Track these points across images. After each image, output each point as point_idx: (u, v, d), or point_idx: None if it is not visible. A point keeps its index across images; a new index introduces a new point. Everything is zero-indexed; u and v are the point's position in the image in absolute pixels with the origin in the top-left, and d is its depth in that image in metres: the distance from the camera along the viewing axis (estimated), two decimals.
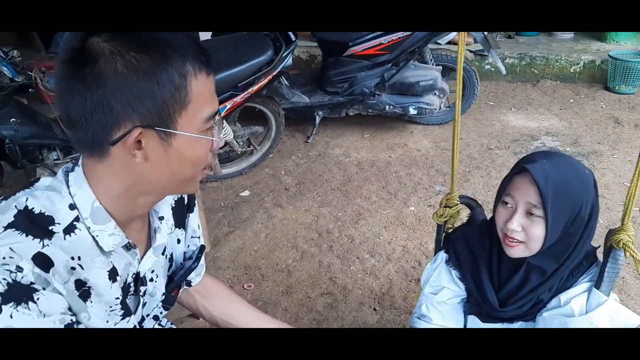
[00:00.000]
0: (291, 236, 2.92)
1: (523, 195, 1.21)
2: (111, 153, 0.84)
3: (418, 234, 2.87)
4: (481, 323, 1.42)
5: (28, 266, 0.79)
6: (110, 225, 0.90)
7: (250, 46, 3.07)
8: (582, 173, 1.24)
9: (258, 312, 1.31)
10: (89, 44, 0.79)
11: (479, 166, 3.59)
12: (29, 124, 2.65)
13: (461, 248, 1.46)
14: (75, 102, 0.80)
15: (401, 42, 3.67)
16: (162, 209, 1.08)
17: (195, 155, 0.89)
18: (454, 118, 1.51)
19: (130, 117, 0.81)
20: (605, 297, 1.25)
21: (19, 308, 0.77)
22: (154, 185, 0.90)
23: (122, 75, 0.78)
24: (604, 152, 3.72)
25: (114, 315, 0.98)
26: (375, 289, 2.49)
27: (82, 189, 0.88)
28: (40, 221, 0.84)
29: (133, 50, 0.79)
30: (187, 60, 0.83)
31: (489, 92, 4.96)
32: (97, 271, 0.91)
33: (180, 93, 0.83)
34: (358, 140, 4.09)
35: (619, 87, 4.70)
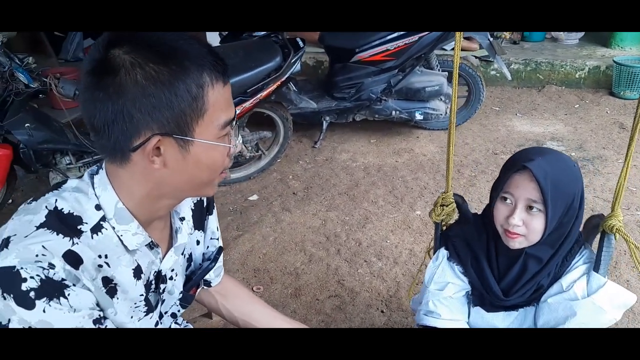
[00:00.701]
0: (299, 240, 2.96)
1: (523, 191, 1.28)
2: (132, 159, 0.89)
3: (424, 237, 2.91)
4: (486, 313, 1.49)
5: (59, 263, 0.83)
6: (133, 225, 0.95)
7: (259, 52, 3.13)
8: (572, 167, 1.33)
9: (275, 312, 1.36)
10: (111, 55, 0.83)
11: (485, 171, 3.62)
12: (43, 129, 2.70)
13: (460, 244, 1.52)
14: (98, 111, 0.85)
15: (407, 48, 3.72)
16: (183, 210, 1.13)
17: (211, 161, 0.93)
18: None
19: (149, 125, 0.85)
20: (604, 279, 1.34)
21: (52, 303, 0.82)
22: (173, 189, 0.95)
23: (142, 86, 0.82)
24: (609, 157, 3.75)
25: (138, 311, 1.02)
26: (383, 291, 2.52)
27: (106, 190, 0.93)
28: (69, 221, 0.89)
29: (152, 62, 0.83)
30: (204, 70, 0.86)
31: (494, 98, 5.00)
32: (123, 269, 0.96)
33: (198, 102, 0.86)
34: (365, 146, 4.13)
35: (624, 93, 4.73)
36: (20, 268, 0.80)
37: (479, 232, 1.48)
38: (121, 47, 0.84)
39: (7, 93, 2.52)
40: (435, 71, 4.03)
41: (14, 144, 2.72)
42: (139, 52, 0.83)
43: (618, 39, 5.40)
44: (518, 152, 1.38)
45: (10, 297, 0.80)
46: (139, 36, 0.85)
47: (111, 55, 0.83)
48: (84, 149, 2.87)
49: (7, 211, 3.24)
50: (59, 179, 2.91)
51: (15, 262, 0.81)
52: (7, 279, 0.80)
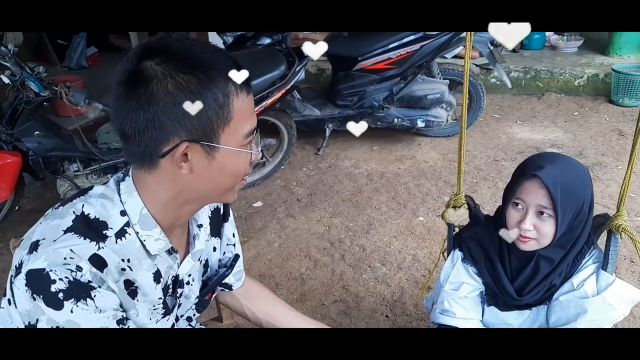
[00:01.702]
0: (304, 246, 3.00)
1: (534, 198, 1.33)
2: (160, 165, 0.93)
3: (428, 243, 2.95)
4: (500, 312, 1.54)
5: (86, 266, 0.87)
6: (156, 231, 0.99)
7: (265, 61, 3.17)
8: (581, 173, 1.38)
9: (297, 313, 1.39)
10: (143, 66, 0.88)
11: (486, 177, 3.67)
12: (51, 137, 2.75)
13: (473, 245, 1.57)
14: (130, 119, 0.89)
15: (409, 56, 3.77)
16: (201, 218, 1.17)
17: (235, 167, 0.97)
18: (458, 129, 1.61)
19: (178, 132, 0.89)
20: (612, 277, 1.41)
21: (79, 304, 0.86)
22: (197, 194, 0.99)
23: (173, 95, 0.87)
24: (608, 163, 3.79)
25: (157, 313, 1.06)
26: (387, 296, 2.56)
27: (132, 197, 0.97)
28: (95, 226, 0.93)
29: (182, 72, 0.88)
30: (230, 80, 0.91)
31: (494, 105, 5.05)
32: (144, 273, 1.00)
33: (224, 110, 0.91)
34: (367, 153, 4.18)
35: (623, 100, 4.78)
36: (49, 270, 0.84)
37: (491, 233, 1.53)
38: (153, 59, 0.88)
39: (18, 101, 2.57)
40: (436, 79, 4.08)
41: (23, 152, 2.77)
42: (169, 63, 0.88)
43: (616, 47, 5.45)
44: (530, 158, 1.44)
45: (40, 298, 0.84)
46: (169, 48, 0.89)
47: (143, 66, 0.88)
48: (91, 157, 2.92)
49: (14, 218, 3.28)
50: (66, 186, 2.95)
51: (44, 265, 0.85)
52: (37, 280, 0.85)
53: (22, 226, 3.29)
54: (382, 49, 3.79)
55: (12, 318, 0.95)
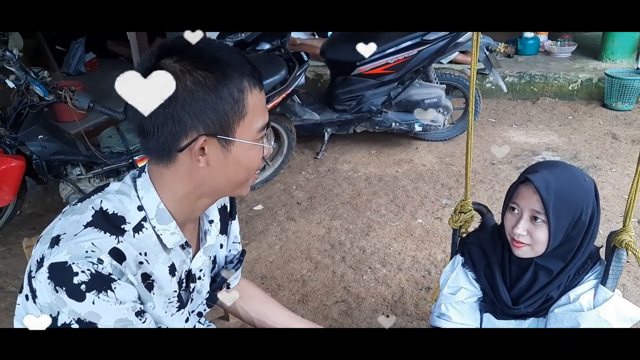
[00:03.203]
0: (305, 248, 3.03)
1: (527, 203, 1.34)
2: (178, 159, 0.96)
3: (427, 244, 2.99)
4: (496, 320, 1.53)
5: (107, 259, 0.90)
6: (172, 225, 1.02)
7: (265, 66, 3.21)
8: (581, 181, 1.35)
9: (290, 313, 1.43)
10: (162, 64, 0.91)
11: (483, 180, 3.72)
12: (55, 141, 2.77)
13: (475, 251, 1.57)
14: (150, 115, 0.91)
15: (407, 61, 3.82)
16: (212, 214, 1.20)
17: (250, 160, 1.01)
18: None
19: (196, 127, 0.93)
20: (610, 292, 1.37)
21: (100, 295, 0.89)
22: (213, 188, 1.02)
23: (191, 91, 0.90)
24: (603, 166, 3.85)
25: (171, 306, 1.09)
26: (388, 296, 2.60)
27: (149, 192, 1.00)
28: (114, 220, 0.96)
29: (199, 69, 0.91)
30: (244, 77, 0.95)
31: (490, 110, 5.11)
32: (160, 266, 1.03)
33: (239, 106, 0.94)
34: (366, 156, 4.23)
35: (616, 104, 4.85)
36: (72, 263, 0.87)
37: (495, 241, 1.54)
38: (171, 57, 0.92)
39: (22, 106, 2.59)
40: (433, 84, 4.13)
41: (26, 156, 2.79)
42: (187, 61, 0.91)
43: (609, 52, 5.53)
44: (532, 165, 1.43)
45: (63, 290, 0.87)
46: (186, 47, 0.92)
47: (162, 64, 0.91)
48: (94, 160, 2.94)
49: (15, 222, 3.30)
50: (69, 189, 2.98)
51: (67, 258, 0.88)
52: (60, 273, 0.88)
53: (23, 230, 3.31)
54: (380, 54, 3.84)
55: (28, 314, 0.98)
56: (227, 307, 1.46)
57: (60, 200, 3.30)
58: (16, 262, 2.98)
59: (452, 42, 3.78)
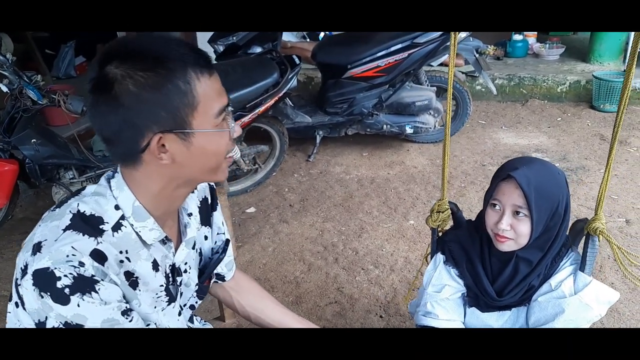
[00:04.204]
0: (298, 250, 3.05)
1: (510, 198, 1.39)
2: (143, 160, 0.98)
3: (419, 245, 3.02)
4: (481, 313, 1.59)
5: (88, 261, 0.92)
6: (149, 222, 1.04)
7: (257, 69, 3.23)
8: (556, 175, 1.44)
9: (285, 309, 1.45)
10: (105, 72, 0.92)
11: (474, 182, 3.76)
12: (48, 145, 2.78)
13: (455, 248, 1.62)
14: (105, 124, 0.94)
15: (397, 64, 3.86)
16: (190, 207, 1.22)
17: (216, 147, 1.02)
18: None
19: (149, 126, 0.94)
20: (589, 278, 1.45)
21: (85, 297, 0.91)
22: (185, 179, 1.04)
23: (135, 94, 0.91)
24: (591, 167, 3.90)
25: (161, 301, 1.11)
26: (381, 297, 2.62)
27: (123, 191, 1.02)
28: (92, 222, 0.98)
29: (140, 70, 0.92)
30: (188, 67, 0.95)
31: (480, 112, 5.16)
32: (143, 263, 1.05)
33: (188, 97, 0.95)
34: (357, 159, 4.26)
35: (604, 106, 4.91)
36: (54, 268, 0.89)
37: (473, 237, 1.59)
38: (111, 63, 0.92)
39: (15, 110, 2.60)
40: (424, 86, 4.17)
41: (19, 160, 2.80)
42: (127, 64, 0.92)
43: (597, 55, 5.60)
44: (507, 162, 1.50)
45: (48, 295, 0.89)
46: (125, 49, 0.94)
47: (105, 71, 0.92)
48: (87, 164, 2.95)
49: (7, 226, 3.29)
50: (62, 193, 2.98)
51: (49, 264, 0.89)
52: (43, 279, 0.89)
53: (15, 234, 3.30)
54: (371, 57, 3.87)
55: (20, 321, 0.99)
56: (224, 301, 1.48)
57: (52, 204, 3.29)
58: (8, 267, 2.97)
59: (442, 45, 3.82)
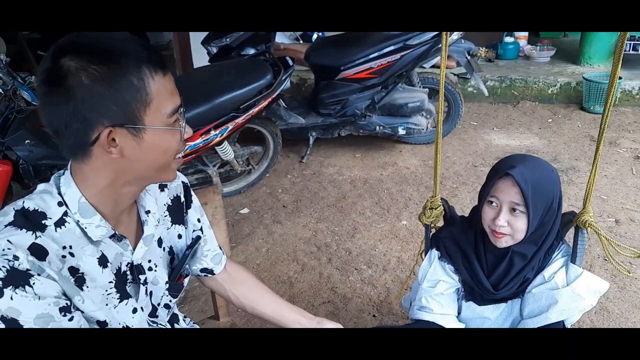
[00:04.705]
0: (291, 250, 3.07)
1: (507, 195, 1.43)
2: (92, 153, 0.98)
3: (411, 245, 3.04)
4: (477, 307, 1.63)
5: (23, 255, 0.93)
6: (96, 218, 1.04)
7: (251, 71, 3.25)
8: (550, 171, 1.49)
9: (280, 299, 1.47)
10: (60, 63, 0.93)
11: (466, 182, 3.79)
12: (42, 146, 2.77)
13: (450, 244, 1.66)
14: (55, 115, 0.95)
15: (390, 66, 3.88)
16: (147, 204, 1.21)
17: (166, 144, 1.03)
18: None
19: (100, 120, 0.95)
20: (580, 269, 1.51)
21: (17, 291, 0.91)
22: (133, 175, 1.05)
23: (88, 87, 0.92)
24: (582, 167, 3.95)
25: (112, 298, 1.11)
26: (374, 297, 2.64)
27: (70, 187, 1.02)
28: (34, 217, 0.99)
29: (94, 64, 0.93)
30: (142, 64, 0.96)
31: (472, 113, 5.20)
32: (88, 258, 1.05)
33: (141, 93, 0.96)
34: (350, 160, 4.28)
35: (594, 107, 4.96)
36: None
37: (467, 232, 1.63)
38: (66, 55, 0.93)
39: (9, 111, 2.60)
40: (416, 88, 4.21)
41: (13, 161, 2.79)
42: (81, 57, 0.93)
43: (587, 57, 5.66)
44: (502, 160, 1.53)
45: None
46: (80, 43, 0.95)
47: (59, 64, 0.93)
48: None
49: None
50: None
51: None
52: None
53: None
54: (364, 58, 3.89)
55: None
56: (219, 293, 1.49)
57: None
58: None
59: (435, 47, 3.85)
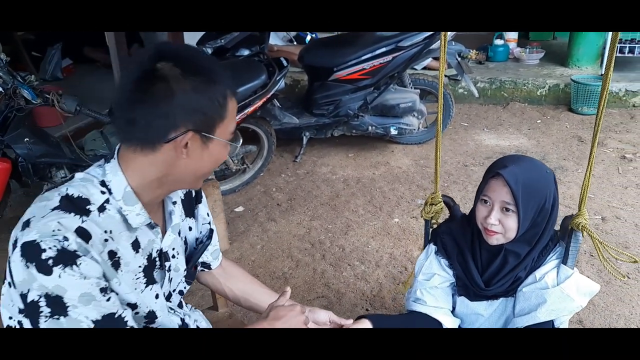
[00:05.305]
0: (286, 247, 3.13)
1: (498, 195, 1.47)
2: (161, 149, 1.07)
3: (403, 242, 3.11)
4: (470, 302, 1.67)
5: (72, 237, 1.00)
6: (137, 207, 1.13)
7: (246, 71, 3.31)
8: (544, 172, 1.51)
9: (271, 291, 1.58)
10: (161, 67, 1.03)
11: (456, 181, 3.87)
12: (41, 144, 2.82)
13: (447, 240, 1.70)
14: (144, 109, 1.03)
15: (382, 67, 3.96)
16: (173, 195, 1.31)
17: (220, 156, 1.16)
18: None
19: (185, 124, 1.05)
20: (571, 270, 1.53)
21: (66, 269, 0.98)
22: (178, 176, 1.14)
23: (187, 93, 1.03)
24: (570, 167, 4.04)
25: (139, 282, 1.19)
26: (367, 291, 2.71)
27: (116, 175, 1.10)
28: (79, 203, 1.06)
29: (194, 75, 1.04)
30: (227, 86, 1.10)
31: (463, 114, 5.29)
32: (124, 243, 1.13)
33: (222, 110, 1.09)
34: (343, 159, 4.35)
35: (582, 109, 5.06)
36: (40, 241, 0.97)
37: (465, 230, 1.67)
38: (168, 61, 1.04)
39: (9, 109, 2.64)
40: (408, 89, 4.28)
41: (11, 159, 2.83)
42: (182, 66, 1.04)
43: (575, 59, 5.76)
44: (498, 159, 1.57)
45: (33, 265, 0.96)
46: (181, 54, 1.07)
47: (161, 66, 1.03)
48: (78, 163, 2.99)
49: None
50: None
51: (36, 237, 0.97)
52: (30, 250, 0.97)
53: (5, 233, 3.31)
54: (357, 60, 3.97)
55: (13, 301, 1.06)
56: (214, 287, 1.57)
57: None
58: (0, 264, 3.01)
59: (426, 49, 3.93)
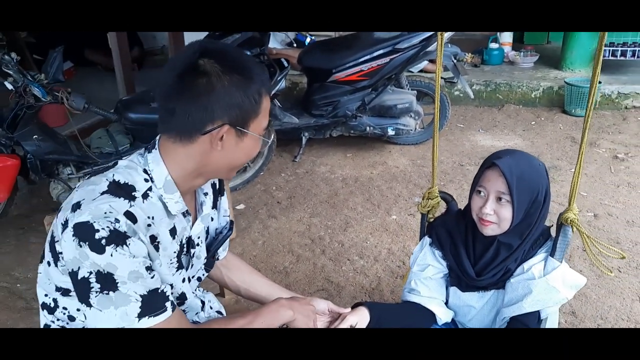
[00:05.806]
0: (286, 243, 3.21)
1: (494, 185, 1.53)
2: (198, 140, 1.16)
3: (401, 238, 3.20)
4: (462, 293, 1.72)
5: (122, 219, 1.08)
6: (176, 195, 1.21)
7: None
8: (537, 166, 1.58)
9: (271, 282, 1.66)
10: (202, 62, 1.12)
11: (453, 180, 3.96)
12: (49, 141, 2.90)
13: (442, 232, 1.76)
14: (185, 101, 1.12)
15: (380, 69, 4.05)
16: (206, 187, 1.40)
17: (253, 151, 1.23)
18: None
19: (223, 117, 1.13)
20: (558, 262, 1.55)
21: (118, 249, 1.06)
22: (214, 168, 1.22)
23: (227, 88, 1.12)
24: (563, 167, 4.13)
25: (172, 267, 1.27)
26: (366, 285, 2.79)
27: (158, 165, 1.19)
28: (125, 188, 1.15)
29: (234, 72, 1.13)
30: (263, 84, 1.18)
31: (458, 116, 5.38)
32: (163, 229, 1.21)
33: (257, 106, 1.17)
34: (342, 159, 4.43)
35: (575, 111, 5.16)
36: (93, 222, 1.05)
37: (459, 223, 1.72)
38: (210, 58, 1.13)
39: (19, 107, 2.73)
40: (405, 90, 4.36)
41: (20, 155, 2.91)
42: (224, 63, 1.13)
43: (569, 62, 5.85)
44: (493, 153, 1.62)
45: (86, 245, 1.05)
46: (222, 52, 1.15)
47: (202, 62, 1.12)
48: (84, 160, 3.07)
49: (4, 222, 3.38)
50: (60, 188, 3.10)
51: (89, 218, 1.06)
52: (83, 231, 1.05)
53: (11, 230, 3.39)
54: (355, 61, 4.05)
55: (50, 279, 1.15)
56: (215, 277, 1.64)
57: (47, 200, 3.41)
58: (6, 260, 3.08)
59: (422, 51, 4.02)
